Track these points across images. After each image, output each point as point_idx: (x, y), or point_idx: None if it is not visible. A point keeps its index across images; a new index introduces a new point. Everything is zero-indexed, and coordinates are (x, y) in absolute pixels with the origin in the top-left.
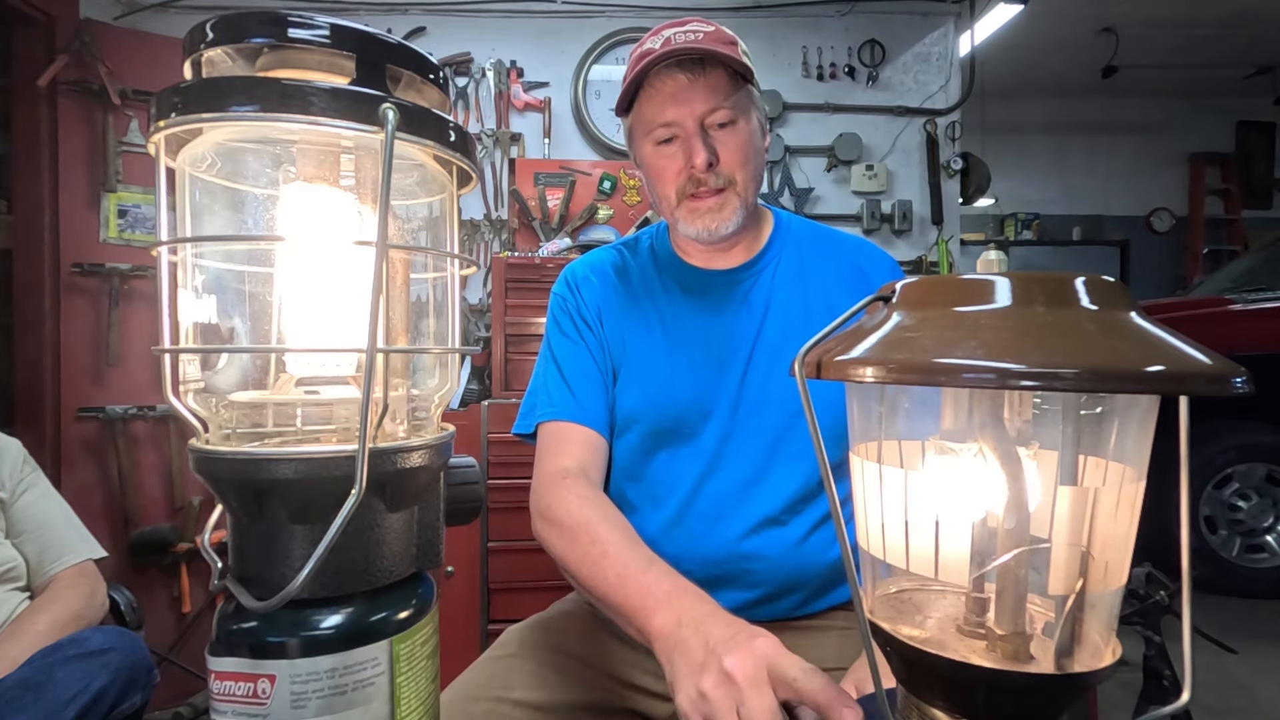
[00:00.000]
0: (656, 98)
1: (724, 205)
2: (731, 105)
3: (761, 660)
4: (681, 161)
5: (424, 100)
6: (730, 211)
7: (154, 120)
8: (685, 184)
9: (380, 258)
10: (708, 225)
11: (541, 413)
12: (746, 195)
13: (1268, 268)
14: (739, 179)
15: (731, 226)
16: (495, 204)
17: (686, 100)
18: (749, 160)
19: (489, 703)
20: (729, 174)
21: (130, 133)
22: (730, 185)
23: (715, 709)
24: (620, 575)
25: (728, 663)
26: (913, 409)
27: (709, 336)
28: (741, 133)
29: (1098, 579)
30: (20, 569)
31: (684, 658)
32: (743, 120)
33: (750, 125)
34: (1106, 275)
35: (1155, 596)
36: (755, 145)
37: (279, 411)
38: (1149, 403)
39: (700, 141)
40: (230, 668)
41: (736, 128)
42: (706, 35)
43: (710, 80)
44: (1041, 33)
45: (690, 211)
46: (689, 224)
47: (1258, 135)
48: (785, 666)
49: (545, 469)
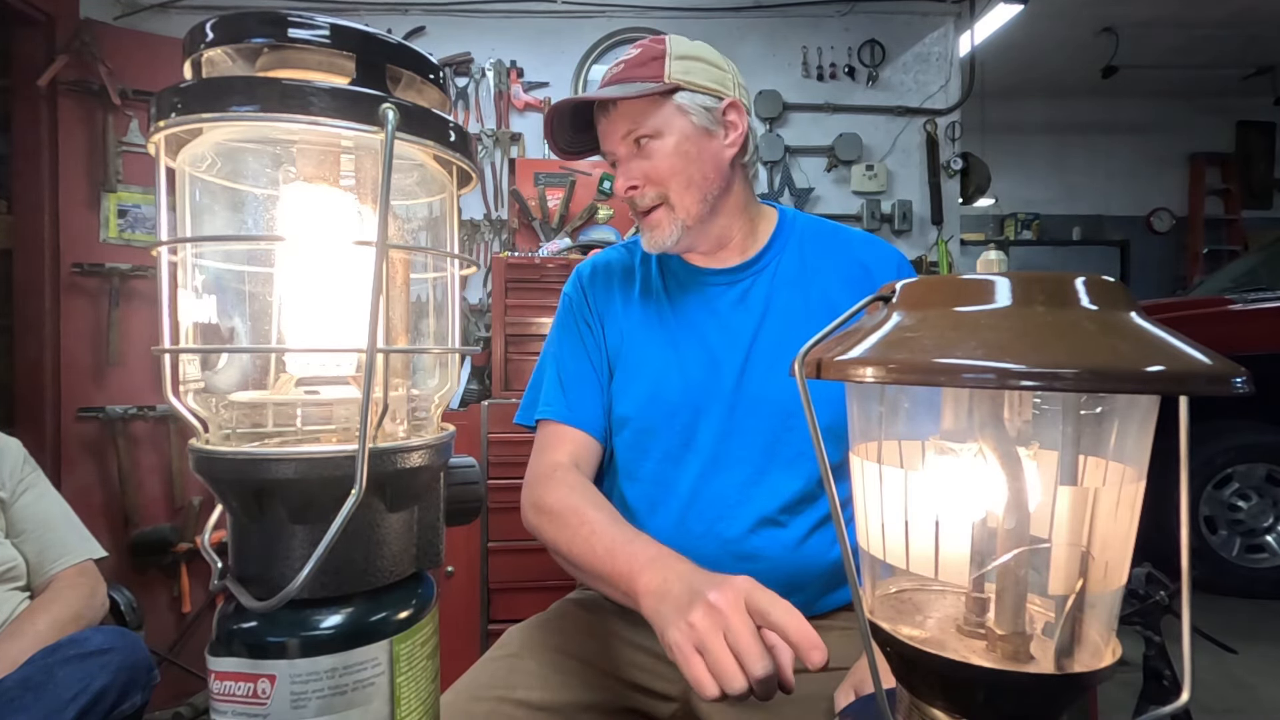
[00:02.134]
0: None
1: (657, 224)
2: (647, 124)
3: (740, 592)
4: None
5: (424, 100)
6: (666, 228)
7: (154, 120)
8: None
9: (380, 258)
10: (651, 241)
11: (540, 411)
12: (683, 205)
13: (1268, 268)
14: (671, 190)
15: (670, 240)
16: (495, 204)
17: (607, 134)
18: (676, 172)
19: (491, 703)
20: (658, 190)
21: (130, 133)
22: (663, 201)
23: (704, 635)
24: (608, 548)
25: (711, 596)
26: (913, 409)
27: (707, 336)
28: (662, 146)
29: (1098, 579)
30: (20, 569)
31: (671, 603)
32: (665, 133)
33: (674, 135)
34: (1106, 275)
35: (1155, 596)
36: (684, 152)
37: (279, 411)
38: (1149, 403)
39: (624, 167)
40: (230, 668)
41: (661, 140)
42: (626, 63)
43: (622, 110)
44: (1041, 33)
45: (641, 227)
46: (642, 236)
47: (1258, 135)
48: (761, 599)
49: (538, 464)
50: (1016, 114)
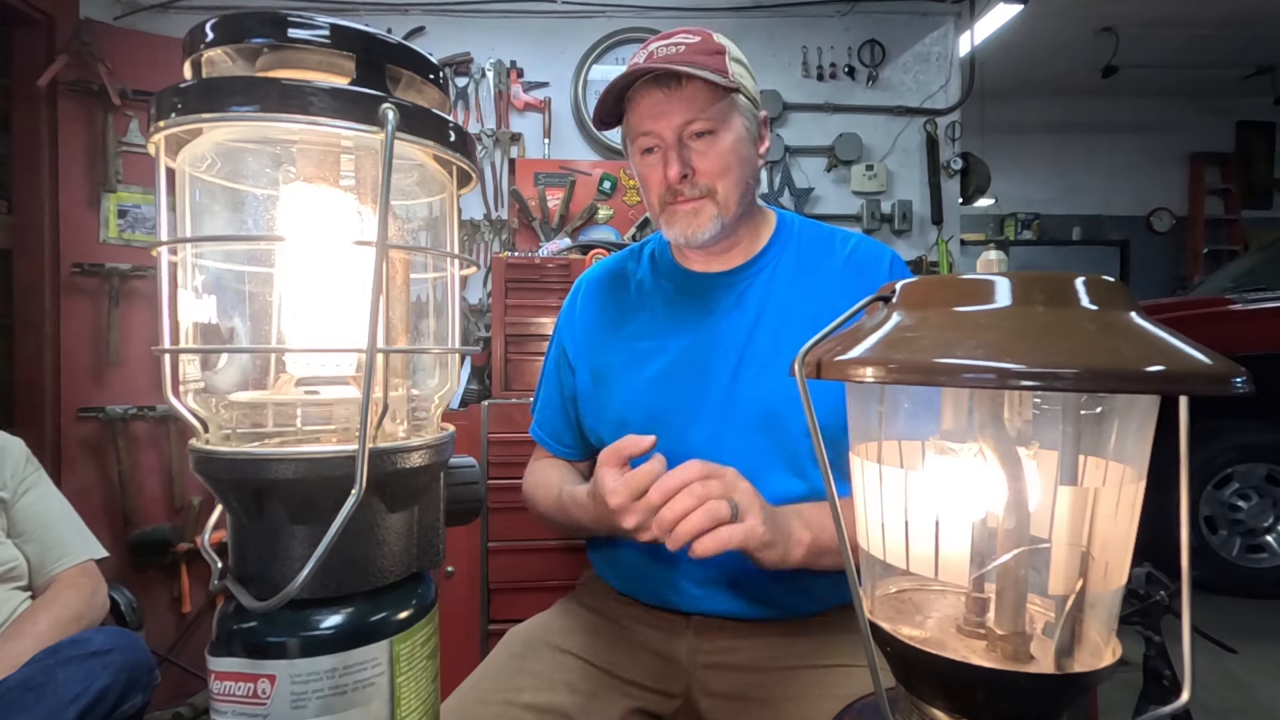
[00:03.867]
0: (637, 110)
1: (699, 212)
2: (710, 116)
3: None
4: (661, 171)
5: (424, 100)
6: (706, 219)
7: (154, 120)
8: (665, 193)
9: (380, 258)
10: (684, 230)
11: (532, 428)
12: (726, 204)
13: (1268, 268)
14: (719, 189)
15: (707, 233)
16: (495, 204)
17: (663, 114)
18: (729, 170)
19: (498, 706)
20: (707, 184)
21: (130, 133)
22: (709, 194)
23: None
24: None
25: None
26: (913, 409)
27: (700, 339)
28: (721, 142)
29: (1098, 579)
30: (21, 569)
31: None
32: (723, 130)
33: (732, 134)
34: (1106, 275)
35: (1155, 596)
36: (738, 154)
37: (279, 411)
38: (1149, 403)
39: (676, 154)
40: (230, 668)
41: (715, 138)
42: (689, 47)
43: (686, 93)
44: (1041, 33)
45: (670, 215)
46: (669, 228)
47: (1258, 135)
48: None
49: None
50: (1016, 114)
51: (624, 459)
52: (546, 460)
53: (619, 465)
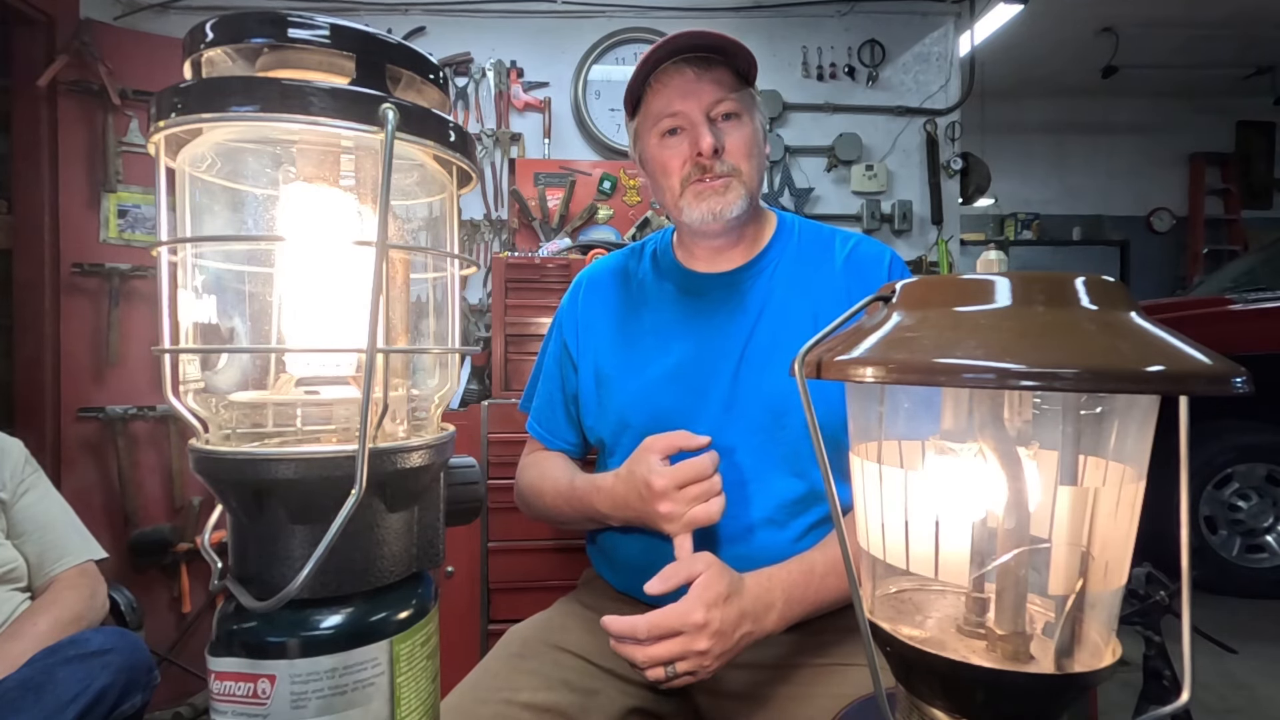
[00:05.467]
0: (664, 92)
1: (728, 189)
2: (737, 99)
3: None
4: (687, 150)
5: (424, 100)
6: (735, 196)
7: (154, 120)
8: (690, 171)
9: (380, 258)
10: (712, 208)
11: (529, 423)
12: (750, 185)
13: (1268, 268)
14: (744, 170)
15: (735, 210)
16: (495, 204)
17: (693, 93)
18: (752, 155)
19: (497, 705)
20: (734, 163)
21: (130, 133)
22: (735, 174)
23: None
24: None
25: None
26: (913, 409)
27: (701, 339)
28: (746, 127)
29: (1098, 579)
30: (21, 570)
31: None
32: (747, 116)
33: (754, 123)
34: (1106, 275)
35: (1155, 596)
36: (758, 143)
37: (279, 411)
38: (1149, 403)
39: (706, 129)
40: (230, 668)
41: (741, 121)
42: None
43: (715, 75)
44: (1041, 33)
45: (695, 195)
46: (694, 207)
47: (1258, 135)
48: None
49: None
50: (1016, 114)
51: (674, 450)
52: (545, 453)
53: (665, 455)
